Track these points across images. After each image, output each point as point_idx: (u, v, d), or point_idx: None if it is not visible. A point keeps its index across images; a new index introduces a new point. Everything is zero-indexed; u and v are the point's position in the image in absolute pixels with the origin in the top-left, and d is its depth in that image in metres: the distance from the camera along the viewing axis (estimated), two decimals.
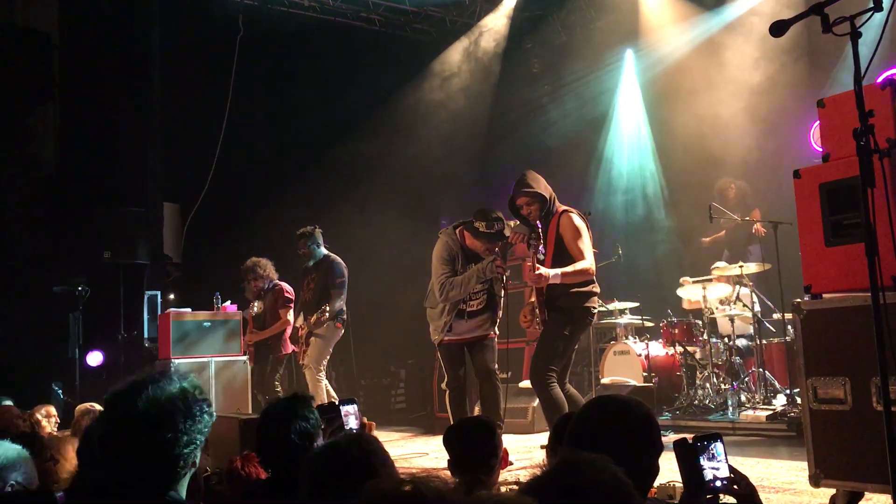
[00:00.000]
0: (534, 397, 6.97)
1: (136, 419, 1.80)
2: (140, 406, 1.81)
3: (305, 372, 7.19)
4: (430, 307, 5.65)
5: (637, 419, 2.05)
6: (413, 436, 7.96)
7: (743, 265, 7.40)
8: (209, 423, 1.93)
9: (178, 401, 1.85)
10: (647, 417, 2.07)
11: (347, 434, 2.26)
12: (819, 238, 3.52)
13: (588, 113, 10.87)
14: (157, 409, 1.81)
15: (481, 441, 2.95)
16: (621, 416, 2.04)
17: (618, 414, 2.05)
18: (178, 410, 1.83)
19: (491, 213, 5.33)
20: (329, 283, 7.17)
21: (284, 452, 2.75)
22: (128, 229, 8.68)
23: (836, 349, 3.44)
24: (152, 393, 1.83)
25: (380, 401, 10.43)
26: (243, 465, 2.99)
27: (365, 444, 2.11)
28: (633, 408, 2.08)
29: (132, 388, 1.86)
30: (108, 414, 1.92)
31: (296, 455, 2.73)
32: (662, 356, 7.87)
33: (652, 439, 2.04)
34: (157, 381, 1.87)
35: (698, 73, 9.40)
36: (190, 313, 7.75)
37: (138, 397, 1.82)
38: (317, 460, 2.13)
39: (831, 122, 3.63)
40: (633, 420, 2.04)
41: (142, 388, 1.84)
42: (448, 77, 11.01)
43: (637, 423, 2.04)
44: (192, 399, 1.88)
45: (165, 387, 1.86)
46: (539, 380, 4.91)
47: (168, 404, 1.83)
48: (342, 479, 2.03)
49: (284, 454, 2.75)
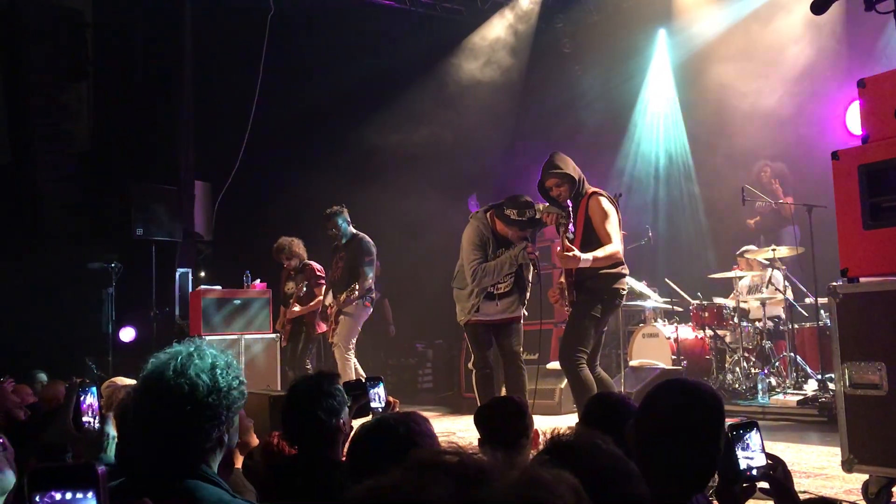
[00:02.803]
0: (561, 379, 6.97)
1: (163, 393, 1.81)
2: (168, 380, 1.81)
3: (335, 350, 7.22)
4: (458, 288, 5.64)
5: (711, 403, 2.04)
6: (440, 415, 7.99)
7: (776, 248, 7.31)
8: (240, 402, 1.93)
9: (207, 374, 1.84)
10: (716, 402, 2.06)
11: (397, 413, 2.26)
12: (857, 221, 3.45)
13: (619, 93, 10.75)
14: (184, 383, 1.81)
15: (513, 421, 2.95)
16: (689, 399, 2.03)
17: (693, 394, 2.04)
18: (206, 384, 1.83)
19: (522, 200, 5.29)
20: (358, 262, 7.19)
21: (311, 429, 2.76)
22: (160, 207, 8.77)
23: (872, 334, 3.38)
24: (181, 367, 1.83)
25: (407, 380, 10.48)
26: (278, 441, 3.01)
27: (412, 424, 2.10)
28: (703, 391, 2.07)
29: (164, 362, 1.86)
30: (139, 387, 1.94)
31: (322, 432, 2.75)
32: (692, 339, 7.81)
33: (718, 432, 2.03)
34: (190, 354, 1.87)
35: (732, 54, 9.24)
36: (220, 291, 7.83)
37: (167, 371, 1.83)
38: (363, 437, 2.13)
39: (872, 102, 3.54)
40: (700, 403, 2.03)
41: (174, 360, 1.85)
42: (478, 57, 10.93)
43: (704, 406, 2.03)
44: (223, 374, 1.87)
45: (197, 360, 1.86)
46: (568, 362, 4.88)
47: (196, 377, 1.83)
48: (387, 456, 2.04)
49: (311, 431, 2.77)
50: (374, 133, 10.13)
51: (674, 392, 2.09)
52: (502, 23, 11.05)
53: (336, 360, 7.22)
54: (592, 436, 1.60)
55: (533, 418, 3.07)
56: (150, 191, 8.80)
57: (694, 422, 1.99)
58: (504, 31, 11.01)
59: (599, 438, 1.57)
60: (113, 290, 8.23)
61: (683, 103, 10.47)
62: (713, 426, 2.02)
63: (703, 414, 2.01)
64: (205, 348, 1.90)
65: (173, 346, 1.91)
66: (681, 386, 2.13)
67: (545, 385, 7.23)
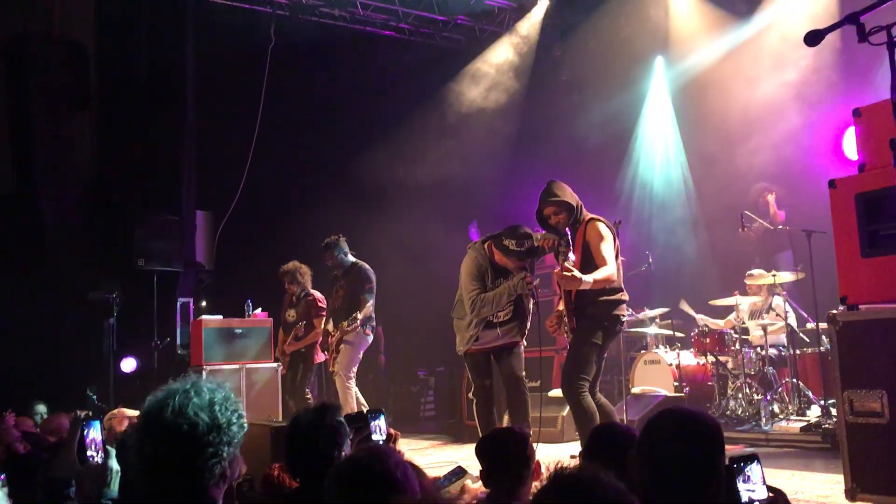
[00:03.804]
0: (563, 406, 6.95)
1: (163, 433, 1.81)
2: (167, 420, 1.82)
3: (335, 379, 7.21)
4: (458, 318, 5.65)
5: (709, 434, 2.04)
6: (443, 444, 7.95)
7: (776, 274, 7.32)
8: (239, 435, 1.93)
9: (206, 412, 1.85)
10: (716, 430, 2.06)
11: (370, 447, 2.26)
12: (855, 249, 3.48)
13: (618, 121, 10.82)
14: (183, 421, 1.81)
15: (514, 451, 2.95)
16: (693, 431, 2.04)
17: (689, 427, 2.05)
18: (205, 422, 1.84)
19: (520, 231, 5.31)
20: (358, 290, 7.19)
21: (313, 462, 2.76)
22: (162, 237, 8.80)
23: (872, 361, 3.38)
24: (180, 404, 1.83)
25: (409, 408, 10.45)
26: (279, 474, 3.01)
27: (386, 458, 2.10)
28: (704, 419, 2.08)
29: (163, 399, 1.87)
30: (139, 426, 1.94)
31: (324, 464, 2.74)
32: (693, 366, 7.79)
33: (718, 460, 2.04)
34: (187, 392, 1.87)
35: (729, 81, 9.32)
36: (222, 320, 7.84)
37: (166, 411, 1.83)
38: (338, 475, 2.13)
39: (867, 131, 3.58)
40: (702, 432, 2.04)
41: (171, 398, 1.85)
42: (477, 85, 11.03)
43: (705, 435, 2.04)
44: (222, 410, 1.88)
45: (194, 398, 1.86)
46: (570, 389, 4.88)
47: (195, 416, 1.83)
48: (364, 494, 2.04)
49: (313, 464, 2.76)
50: (375, 162, 10.19)
51: (672, 421, 2.10)
52: (501, 52, 11.18)
53: (337, 388, 7.20)
54: (595, 469, 1.61)
55: (535, 449, 3.06)
56: (151, 221, 8.84)
57: (693, 450, 1.99)
58: (503, 59, 11.13)
59: (602, 472, 1.58)
60: (114, 321, 8.24)
61: (682, 129, 10.54)
62: (712, 455, 2.03)
63: (701, 443, 2.02)
64: (202, 384, 1.90)
65: (170, 384, 1.91)
66: (679, 415, 2.14)
67: (547, 413, 7.19)
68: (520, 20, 11.04)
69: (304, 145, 10.23)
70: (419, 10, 10.72)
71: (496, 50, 11.25)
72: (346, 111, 10.26)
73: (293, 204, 10.03)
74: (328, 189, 10.04)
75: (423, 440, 8.30)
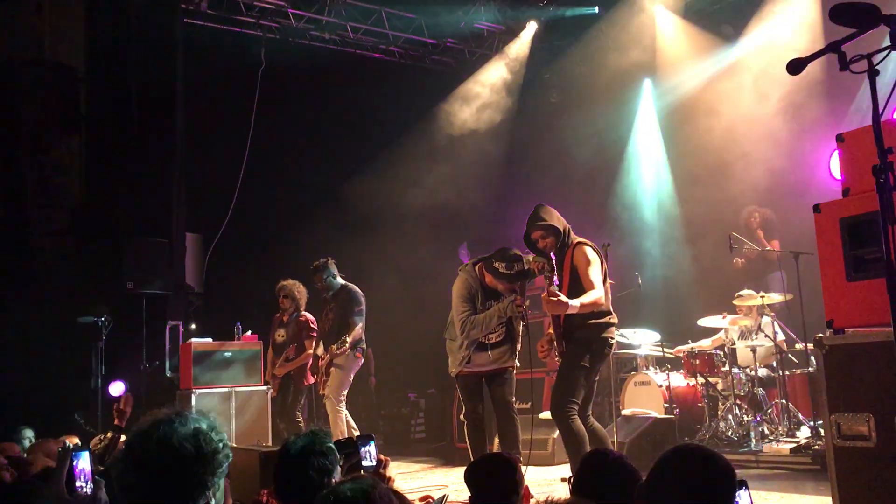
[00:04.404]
0: (554, 429, 6.93)
1: (147, 464, 1.80)
2: (152, 447, 1.81)
3: (325, 403, 7.18)
4: (450, 339, 5.67)
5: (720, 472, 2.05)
6: (433, 467, 7.92)
7: (765, 295, 7.36)
8: (225, 465, 1.92)
9: (191, 442, 1.84)
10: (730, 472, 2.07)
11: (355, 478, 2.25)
12: (840, 273, 3.50)
13: (606, 143, 10.89)
14: (167, 451, 1.80)
15: (502, 477, 2.95)
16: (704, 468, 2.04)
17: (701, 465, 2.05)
18: (190, 452, 1.83)
19: (510, 253, 5.34)
20: (347, 313, 7.19)
21: (302, 488, 2.76)
22: (151, 260, 8.78)
23: (859, 385, 3.40)
24: (163, 436, 1.82)
25: (399, 430, 10.41)
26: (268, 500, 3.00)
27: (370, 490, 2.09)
28: (718, 460, 2.08)
29: (147, 428, 1.86)
30: (123, 452, 1.94)
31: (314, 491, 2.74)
32: (684, 387, 7.80)
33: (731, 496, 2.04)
34: (171, 421, 1.86)
35: (717, 103, 9.41)
36: (211, 343, 7.81)
37: (150, 441, 1.82)
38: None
39: (851, 156, 3.62)
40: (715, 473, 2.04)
41: (156, 428, 1.85)
42: (467, 108, 11.10)
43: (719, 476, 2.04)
44: (207, 440, 1.87)
45: (179, 428, 1.85)
46: (559, 413, 4.88)
47: (180, 446, 1.82)
48: None
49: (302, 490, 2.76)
50: (365, 185, 10.23)
51: (691, 460, 2.10)
52: (491, 74, 11.27)
53: (327, 412, 7.18)
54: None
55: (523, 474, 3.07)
56: (141, 244, 8.82)
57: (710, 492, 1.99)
58: (493, 82, 11.21)
59: None
60: (102, 344, 8.19)
61: (670, 151, 10.61)
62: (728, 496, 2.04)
63: (720, 484, 2.02)
64: (187, 414, 1.89)
65: (155, 413, 1.90)
66: (698, 454, 2.14)
67: (538, 435, 7.17)
68: (509, 43, 11.13)
69: (294, 168, 10.26)
70: (409, 34, 10.80)
71: (486, 72, 11.34)
72: (336, 134, 10.30)
73: (283, 227, 10.03)
74: (318, 212, 10.06)
75: (414, 463, 8.26)
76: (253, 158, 9.95)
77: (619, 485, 2.54)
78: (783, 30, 8.88)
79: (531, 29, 10.91)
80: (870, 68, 2.81)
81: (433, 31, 10.83)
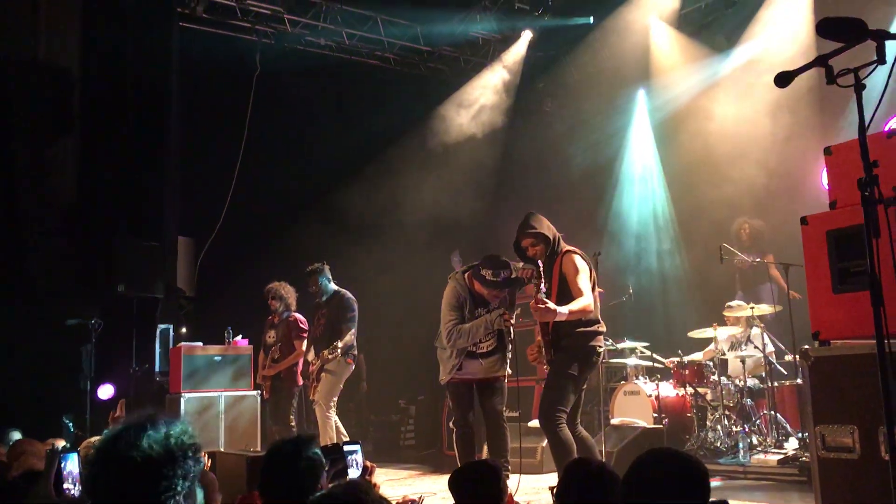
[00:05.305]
0: (542, 437, 6.92)
1: (117, 466, 1.81)
2: (120, 452, 1.81)
3: (315, 409, 7.17)
4: (441, 348, 5.67)
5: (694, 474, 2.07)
6: (422, 474, 7.91)
7: (755, 306, 7.39)
8: (196, 469, 1.92)
9: (160, 445, 1.84)
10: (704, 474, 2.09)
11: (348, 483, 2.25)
12: (827, 285, 3.53)
13: (600, 152, 10.94)
14: (137, 453, 1.80)
15: (486, 485, 2.95)
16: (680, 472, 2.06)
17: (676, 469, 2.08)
18: (160, 455, 1.82)
19: (498, 261, 5.36)
20: (340, 319, 7.19)
21: (288, 494, 2.76)
22: (142, 263, 8.76)
23: (844, 397, 3.42)
24: (133, 439, 1.82)
25: (389, 437, 10.39)
26: None
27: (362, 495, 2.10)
28: (692, 462, 2.11)
29: (118, 432, 1.86)
30: (92, 460, 1.94)
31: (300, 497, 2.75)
32: (673, 397, 7.81)
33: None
34: (142, 425, 1.87)
35: (710, 114, 9.45)
36: (201, 347, 7.80)
37: (119, 443, 1.82)
38: None
39: (838, 169, 3.65)
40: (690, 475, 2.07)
41: (126, 432, 1.85)
42: (461, 116, 11.12)
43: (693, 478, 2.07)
44: (178, 444, 1.86)
45: (150, 431, 1.85)
46: (547, 421, 4.88)
47: (149, 448, 1.82)
48: None
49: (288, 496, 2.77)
50: (358, 190, 10.23)
51: (666, 462, 2.13)
52: (485, 82, 11.29)
53: (317, 417, 7.17)
54: None
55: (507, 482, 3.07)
56: (133, 246, 8.80)
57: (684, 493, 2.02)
58: (487, 90, 11.24)
59: None
60: (92, 347, 8.17)
61: (664, 161, 10.66)
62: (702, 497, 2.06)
63: (695, 486, 2.04)
64: (158, 418, 1.90)
65: (144, 409, 1.91)
66: (674, 456, 2.17)
67: (527, 444, 7.17)
68: (503, 51, 11.16)
69: (287, 173, 10.26)
70: (405, 41, 10.83)
71: (480, 80, 11.36)
72: (330, 139, 10.31)
73: (275, 231, 10.03)
74: (311, 216, 10.06)
75: (403, 469, 8.25)
76: (246, 163, 9.95)
77: (603, 493, 2.55)
78: (775, 42, 8.93)
79: (526, 38, 10.94)
80: (856, 82, 2.84)
81: (429, 38, 10.86)
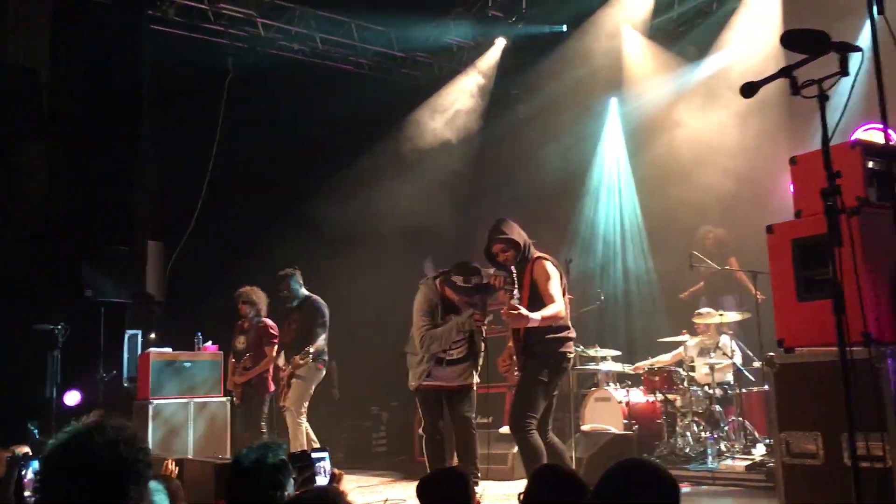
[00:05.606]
0: (513, 443, 6.92)
1: (67, 471, 1.82)
2: (70, 457, 1.82)
3: (286, 414, 7.13)
4: (412, 353, 5.67)
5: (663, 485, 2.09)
6: (393, 481, 7.88)
7: (723, 313, 7.47)
8: (146, 473, 1.93)
9: (109, 451, 1.84)
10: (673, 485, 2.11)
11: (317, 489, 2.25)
12: (791, 293, 3.58)
13: (573, 159, 11.00)
14: (86, 461, 1.81)
15: (454, 493, 2.95)
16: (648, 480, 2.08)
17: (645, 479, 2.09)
18: (109, 460, 1.83)
19: (469, 267, 5.38)
20: (310, 324, 7.17)
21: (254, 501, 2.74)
22: (111, 267, 8.65)
23: (808, 403, 3.47)
24: (82, 445, 1.84)
25: (361, 443, 10.34)
26: None
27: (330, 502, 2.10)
28: (662, 475, 2.12)
29: (66, 439, 1.87)
30: (42, 466, 1.94)
31: None
32: (643, 404, 7.86)
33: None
34: (90, 432, 1.87)
35: (681, 122, 9.56)
36: (170, 353, 7.73)
37: (68, 450, 1.84)
38: None
39: (803, 179, 3.70)
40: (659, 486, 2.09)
41: (74, 439, 1.85)
42: (435, 122, 11.13)
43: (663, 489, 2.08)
44: (127, 449, 1.87)
45: (97, 437, 1.85)
46: (517, 428, 4.89)
47: (99, 454, 1.83)
48: None
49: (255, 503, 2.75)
50: (330, 197, 10.18)
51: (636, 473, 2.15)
52: (458, 88, 11.32)
53: (287, 424, 7.12)
54: None
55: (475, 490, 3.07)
56: (101, 251, 8.69)
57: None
58: (460, 96, 11.26)
59: None
60: (59, 352, 8.05)
61: (635, 168, 10.75)
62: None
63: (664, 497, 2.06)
64: (106, 424, 1.91)
65: (73, 424, 1.91)
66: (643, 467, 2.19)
67: (497, 450, 7.19)
68: (477, 58, 11.20)
69: (259, 178, 10.18)
70: (379, 46, 10.83)
71: (454, 87, 11.39)
72: (303, 145, 10.25)
73: (247, 237, 9.95)
74: (283, 222, 10.00)
75: (374, 476, 8.21)
76: (218, 167, 9.87)
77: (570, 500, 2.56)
78: (745, 52, 9.05)
79: (500, 45, 10.99)
80: (820, 93, 2.89)
81: (403, 44, 10.87)
